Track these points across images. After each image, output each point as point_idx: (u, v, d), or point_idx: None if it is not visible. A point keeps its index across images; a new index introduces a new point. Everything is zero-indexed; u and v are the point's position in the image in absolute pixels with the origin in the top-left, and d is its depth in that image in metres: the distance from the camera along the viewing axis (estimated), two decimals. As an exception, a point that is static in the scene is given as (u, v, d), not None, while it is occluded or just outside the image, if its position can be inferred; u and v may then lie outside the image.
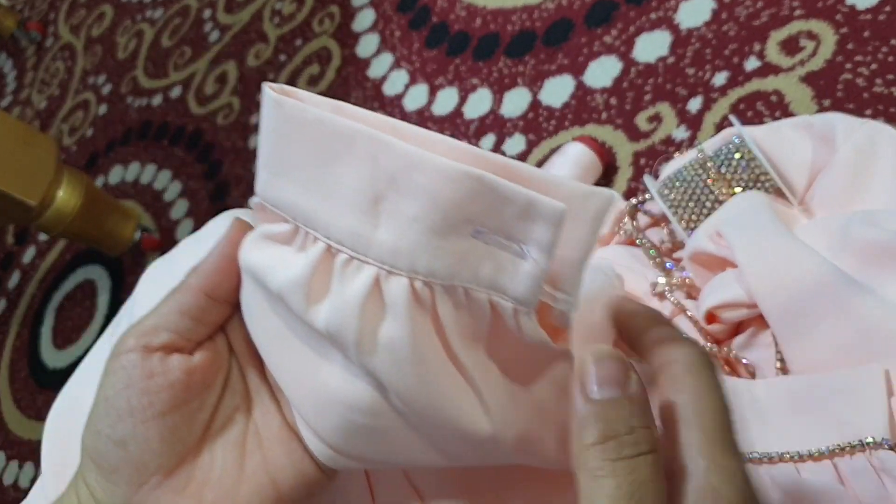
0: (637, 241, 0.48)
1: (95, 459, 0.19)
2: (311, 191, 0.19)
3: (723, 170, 0.44)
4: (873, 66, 0.47)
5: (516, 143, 0.62)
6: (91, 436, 0.19)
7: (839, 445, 0.32)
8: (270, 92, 0.19)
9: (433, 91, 0.71)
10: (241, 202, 0.81)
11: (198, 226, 0.94)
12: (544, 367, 0.19)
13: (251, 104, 0.89)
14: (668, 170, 0.48)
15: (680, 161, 0.48)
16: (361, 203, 0.18)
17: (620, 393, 0.17)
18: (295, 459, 0.21)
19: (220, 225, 0.35)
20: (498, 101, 0.65)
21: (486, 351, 0.19)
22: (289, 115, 0.19)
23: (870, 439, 0.32)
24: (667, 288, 0.44)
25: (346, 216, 0.18)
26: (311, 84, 0.84)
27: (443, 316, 0.18)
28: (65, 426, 0.33)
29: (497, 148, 0.63)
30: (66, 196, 0.78)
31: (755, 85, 0.51)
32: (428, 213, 0.17)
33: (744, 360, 0.40)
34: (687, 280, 0.44)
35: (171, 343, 0.20)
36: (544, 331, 0.19)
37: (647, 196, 0.49)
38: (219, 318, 0.21)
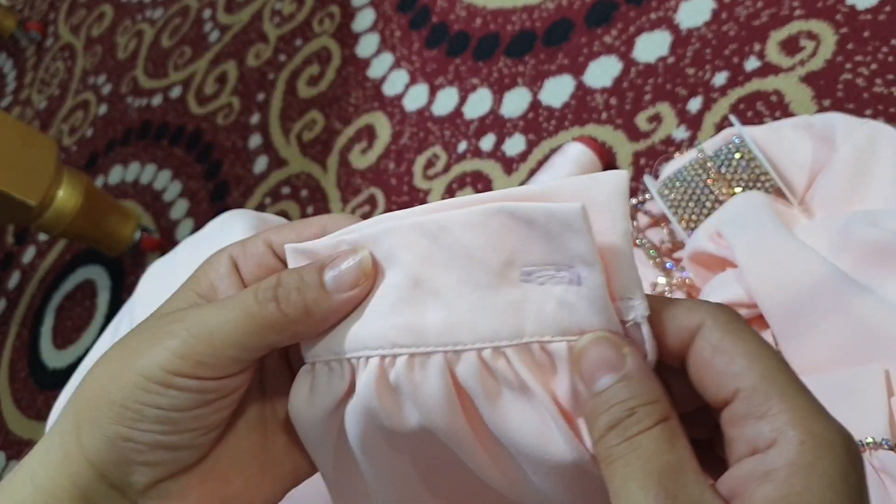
0: (637, 242, 0.48)
1: (123, 452, 0.18)
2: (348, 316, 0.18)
3: (723, 170, 0.44)
4: (873, 66, 0.47)
5: (516, 143, 0.62)
6: (128, 431, 0.18)
7: (839, 446, 0.32)
8: (291, 246, 0.19)
9: (433, 91, 0.71)
10: (241, 202, 0.81)
11: (198, 226, 0.94)
12: None
13: (251, 104, 0.89)
14: (668, 170, 0.48)
15: (680, 161, 0.48)
16: (401, 295, 0.17)
17: (616, 376, 0.16)
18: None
19: (218, 225, 0.35)
20: (498, 101, 0.65)
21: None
22: (310, 256, 0.19)
23: (869, 439, 0.32)
24: (667, 288, 0.44)
25: (390, 316, 0.17)
26: (312, 84, 0.84)
27: (527, 381, 0.17)
28: None
29: (497, 148, 0.63)
30: (65, 196, 0.78)
31: (755, 85, 0.51)
32: (469, 269, 0.17)
33: (744, 360, 0.40)
34: (687, 280, 0.44)
35: (247, 367, 0.19)
36: None
37: (647, 196, 0.49)
38: None
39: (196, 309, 0.19)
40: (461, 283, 0.17)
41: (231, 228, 0.34)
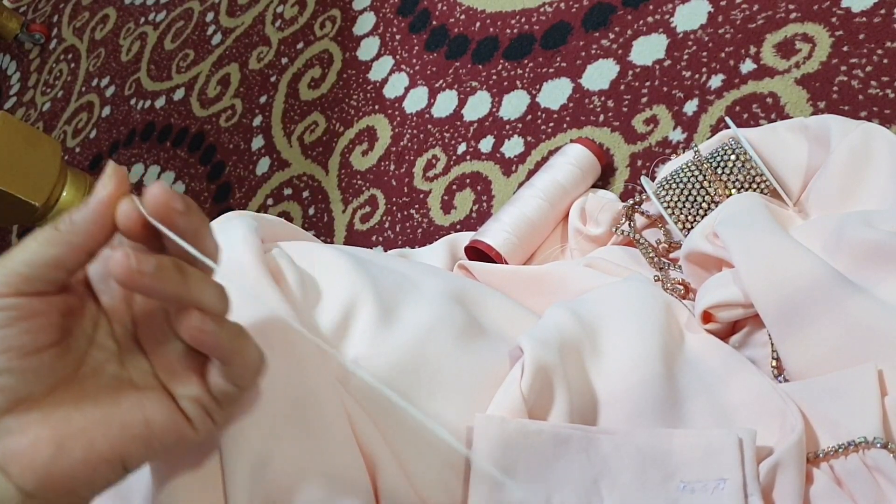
0: (635, 242, 0.48)
1: None
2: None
3: (718, 171, 0.44)
4: (868, 69, 0.47)
5: (515, 145, 0.62)
6: None
7: (833, 448, 0.33)
8: None
9: (433, 94, 0.72)
10: (244, 203, 0.81)
11: (200, 227, 0.93)
12: None
13: (253, 106, 0.89)
14: (664, 171, 0.49)
15: (676, 163, 0.48)
16: (583, 489, 0.25)
17: None
18: (169, 411, 0.23)
19: (218, 227, 0.35)
20: (497, 103, 0.66)
21: None
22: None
23: (861, 439, 0.32)
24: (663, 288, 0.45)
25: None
26: (313, 87, 0.84)
27: None
28: None
29: (496, 150, 0.64)
30: (69, 197, 0.79)
31: (751, 87, 0.52)
32: (640, 470, 0.25)
33: (738, 360, 0.40)
34: (682, 280, 0.44)
35: (42, 290, 0.21)
36: None
37: (643, 197, 0.49)
38: (82, 265, 0.22)
39: None
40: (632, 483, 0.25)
41: (230, 230, 0.34)
